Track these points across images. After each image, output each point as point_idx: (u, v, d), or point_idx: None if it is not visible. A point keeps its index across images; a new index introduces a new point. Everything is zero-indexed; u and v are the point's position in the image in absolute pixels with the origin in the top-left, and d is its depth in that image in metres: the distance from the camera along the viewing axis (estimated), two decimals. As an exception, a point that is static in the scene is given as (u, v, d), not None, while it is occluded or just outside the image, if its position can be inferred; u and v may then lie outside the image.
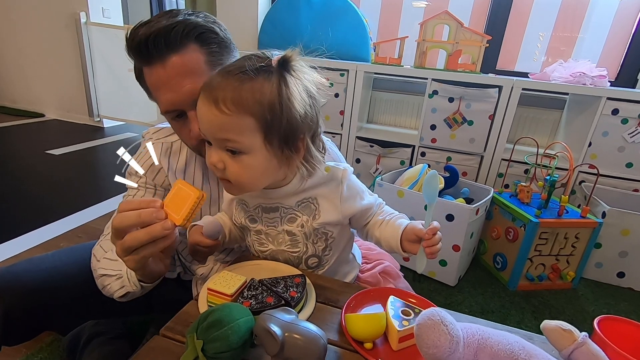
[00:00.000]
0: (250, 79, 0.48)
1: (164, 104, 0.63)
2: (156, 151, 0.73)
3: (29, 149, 2.61)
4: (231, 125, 0.49)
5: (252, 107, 0.48)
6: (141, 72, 0.63)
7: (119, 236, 0.49)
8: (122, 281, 0.60)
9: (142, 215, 0.48)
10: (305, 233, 0.59)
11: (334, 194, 0.59)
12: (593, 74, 1.76)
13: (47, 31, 3.14)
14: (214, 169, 0.53)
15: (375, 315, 0.44)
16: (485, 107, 1.82)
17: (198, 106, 0.51)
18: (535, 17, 2.22)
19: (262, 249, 0.63)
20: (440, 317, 0.34)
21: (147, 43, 0.58)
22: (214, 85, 0.49)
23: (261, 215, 0.61)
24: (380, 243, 0.63)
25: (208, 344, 0.37)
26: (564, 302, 1.40)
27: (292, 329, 0.38)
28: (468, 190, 1.58)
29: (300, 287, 0.50)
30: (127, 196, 0.75)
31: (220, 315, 0.38)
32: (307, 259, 0.62)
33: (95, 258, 0.69)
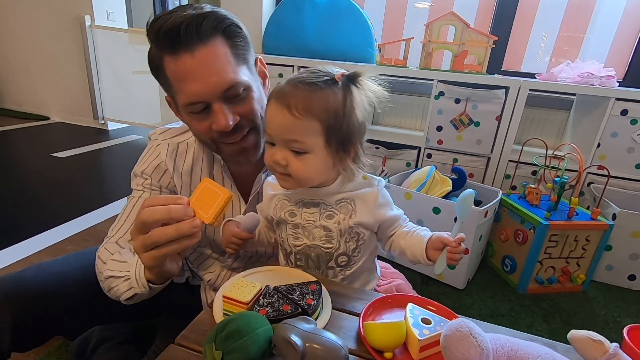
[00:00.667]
0: (318, 89, 0.56)
1: (188, 96, 0.61)
2: (162, 154, 0.72)
3: (35, 152, 2.61)
4: (300, 128, 0.55)
5: (319, 113, 0.55)
6: (160, 62, 0.61)
7: (143, 231, 0.49)
8: (130, 282, 0.59)
9: (172, 211, 0.48)
10: (341, 230, 0.62)
11: (370, 199, 0.63)
12: (601, 74, 1.74)
13: (52, 34, 3.15)
14: (275, 165, 0.58)
15: (396, 324, 0.43)
16: (492, 108, 1.81)
17: (269, 110, 0.57)
18: (541, 17, 2.21)
19: (296, 242, 0.64)
20: (469, 329, 0.33)
21: (178, 30, 0.57)
22: (286, 93, 0.56)
23: (301, 210, 0.64)
24: (404, 252, 0.66)
25: (227, 354, 0.36)
26: (575, 305, 1.38)
27: (313, 339, 0.37)
28: (476, 192, 1.56)
29: (317, 294, 0.49)
30: (132, 198, 0.74)
31: (238, 325, 0.37)
32: (338, 256, 0.63)
33: (100, 260, 0.67)
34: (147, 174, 0.73)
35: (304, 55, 2.14)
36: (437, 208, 1.39)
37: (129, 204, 0.73)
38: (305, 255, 0.64)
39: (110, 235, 0.71)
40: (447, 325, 0.35)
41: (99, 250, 0.69)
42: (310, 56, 2.12)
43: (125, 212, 0.73)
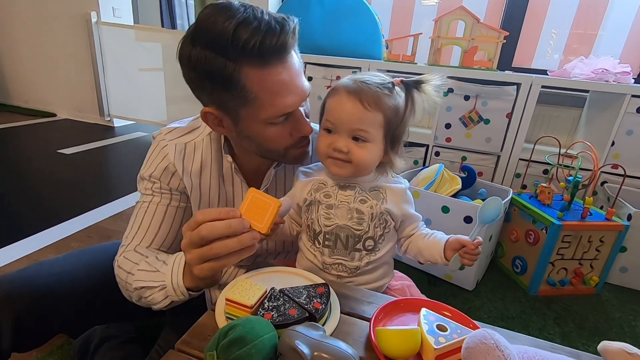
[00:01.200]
0: (386, 89, 0.62)
1: (282, 108, 0.60)
2: (170, 155, 0.70)
3: (41, 149, 2.62)
4: (368, 119, 0.61)
5: (385, 109, 0.61)
6: (237, 74, 0.55)
7: (199, 245, 0.50)
8: (167, 291, 0.59)
9: (233, 225, 0.49)
10: (372, 214, 0.65)
11: (398, 192, 0.68)
12: (616, 70, 1.69)
13: (59, 31, 3.16)
14: (334, 152, 0.62)
15: (410, 331, 0.41)
16: (503, 105, 1.76)
17: (341, 102, 0.61)
18: (553, 12, 2.16)
19: (327, 222, 0.65)
20: (494, 341, 0.30)
21: (284, 41, 0.55)
22: (356, 88, 0.61)
23: (337, 192, 0.66)
24: (422, 253, 0.70)
25: (230, 364, 0.33)
26: (588, 308, 1.34)
27: (321, 347, 0.34)
28: (486, 191, 1.52)
29: (324, 297, 0.47)
30: (142, 202, 0.71)
31: (242, 332, 0.35)
32: (366, 239, 0.65)
33: (123, 270, 0.66)
34: (155, 177, 0.70)
35: (310, 52, 2.11)
36: (446, 207, 1.35)
37: (140, 209, 0.71)
38: (334, 236, 0.65)
39: (126, 244, 0.69)
40: (470, 337, 0.32)
41: (119, 260, 0.68)
42: (317, 53, 2.09)
43: (137, 218, 0.70)
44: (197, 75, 0.58)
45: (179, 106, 3.17)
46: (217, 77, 0.56)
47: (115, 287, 0.74)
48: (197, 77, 0.58)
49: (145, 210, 0.70)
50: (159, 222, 0.70)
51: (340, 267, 0.65)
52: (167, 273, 0.59)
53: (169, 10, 3.85)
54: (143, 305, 0.64)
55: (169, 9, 3.83)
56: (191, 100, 0.66)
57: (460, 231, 1.32)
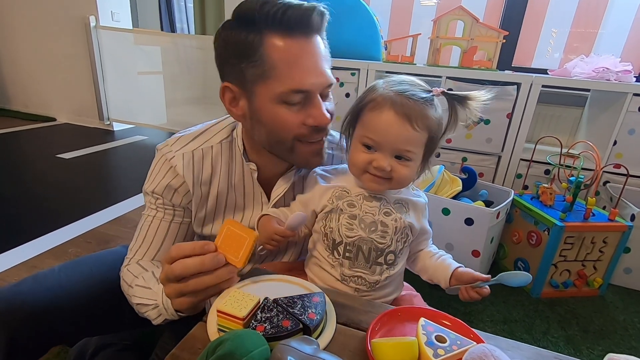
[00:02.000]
0: (431, 105, 0.60)
1: (299, 82, 0.58)
2: (178, 166, 0.68)
3: (40, 153, 2.61)
4: (416, 140, 0.60)
5: (431, 128, 0.60)
6: (259, 41, 0.57)
7: (175, 280, 0.50)
8: (159, 310, 0.60)
9: (206, 262, 0.49)
10: (396, 228, 0.64)
11: (420, 207, 0.68)
12: (617, 69, 1.67)
13: (57, 36, 3.16)
14: (376, 170, 0.61)
15: (407, 343, 0.39)
16: (503, 106, 1.75)
17: (388, 122, 0.58)
18: (553, 11, 2.14)
19: (349, 233, 0.63)
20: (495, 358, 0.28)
21: (304, 14, 0.56)
22: (405, 105, 0.58)
23: (362, 202, 0.64)
24: (426, 270, 0.69)
25: (218, 381, 0.32)
26: (592, 310, 1.33)
27: (314, 363, 0.33)
28: (487, 193, 1.51)
29: (320, 307, 0.45)
30: (147, 216, 0.71)
31: (231, 347, 0.33)
32: (388, 253, 0.64)
33: (126, 283, 0.68)
34: (157, 194, 0.69)
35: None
36: (447, 209, 1.34)
37: (145, 222, 0.71)
38: (356, 248, 0.63)
39: (130, 257, 0.71)
40: (469, 353, 0.31)
41: (123, 272, 0.70)
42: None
43: (142, 231, 0.71)
44: (220, 45, 0.60)
45: (179, 109, 3.16)
46: (236, 45, 0.58)
47: (112, 298, 0.73)
48: (220, 47, 0.60)
49: (149, 225, 0.71)
50: (161, 237, 0.71)
51: (360, 281, 0.63)
52: (158, 292, 0.60)
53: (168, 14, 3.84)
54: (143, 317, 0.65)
55: (168, 13, 3.83)
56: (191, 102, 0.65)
57: (462, 233, 1.32)
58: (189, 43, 3.03)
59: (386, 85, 0.61)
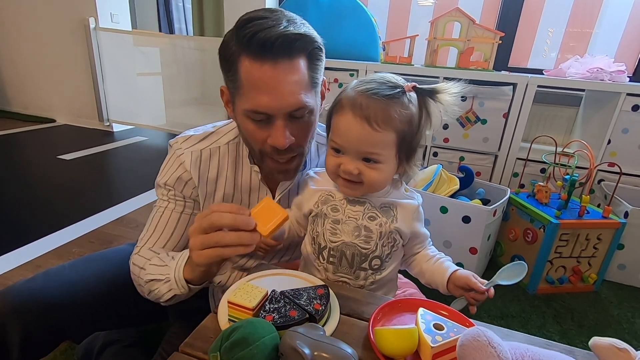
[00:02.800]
0: (395, 101, 0.57)
1: (255, 105, 0.60)
2: (186, 163, 0.71)
3: (41, 155, 2.63)
4: (378, 140, 0.57)
5: (396, 126, 0.57)
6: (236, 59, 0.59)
7: (205, 231, 0.53)
8: (170, 284, 0.62)
9: (238, 220, 0.52)
10: (381, 232, 0.63)
11: (410, 210, 0.65)
12: (611, 69, 1.71)
13: (57, 37, 3.17)
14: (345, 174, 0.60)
15: (408, 330, 0.42)
16: (500, 106, 1.78)
17: (347, 124, 0.58)
18: (548, 12, 2.17)
19: (333, 238, 0.63)
20: (487, 338, 0.31)
21: (272, 43, 0.56)
22: (363, 105, 0.57)
23: (345, 207, 0.64)
24: (423, 275, 0.68)
25: (233, 364, 0.34)
26: (587, 305, 1.36)
27: (321, 347, 0.35)
28: (484, 191, 1.54)
29: (324, 298, 0.48)
30: (159, 207, 0.74)
31: (244, 333, 0.36)
32: (373, 258, 0.63)
33: (137, 267, 0.69)
34: (170, 185, 0.72)
35: (307, 54, 2.12)
36: (445, 207, 1.36)
37: (156, 213, 0.74)
38: (340, 253, 0.63)
39: (140, 245, 0.72)
40: (463, 334, 0.33)
41: (133, 258, 0.71)
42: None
43: (153, 221, 0.73)
44: (219, 51, 0.63)
45: (178, 110, 3.18)
46: (226, 57, 0.61)
47: (120, 295, 0.76)
48: (219, 53, 0.63)
49: (160, 215, 0.73)
50: (172, 227, 0.73)
51: (345, 286, 0.63)
52: (172, 266, 0.62)
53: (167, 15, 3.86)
54: (152, 299, 0.67)
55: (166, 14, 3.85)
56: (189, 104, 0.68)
57: (459, 231, 1.35)
58: (187, 44, 3.05)
59: (354, 85, 0.61)
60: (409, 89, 0.58)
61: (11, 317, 0.65)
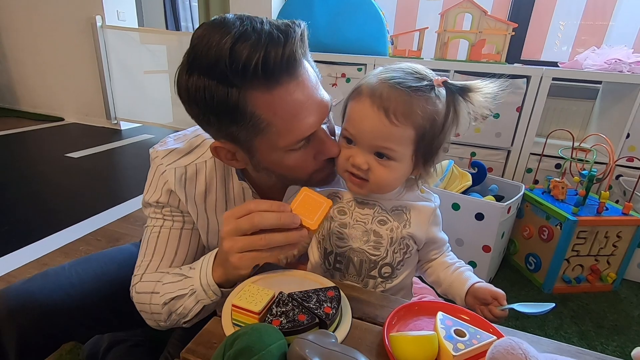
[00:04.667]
0: (420, 94, 0.51)
1: (304, 131, 0.52)
2: (170, 182, 0.64)
3: (49, 153, 2.64)
4: (395, 135, 0.51)
5: (417, 122, 0.51)
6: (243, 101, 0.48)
7: (246, 233, 0.48)
8: (197, 295, 0.55)
9: (283, 218, 0.47)
10: (392, 238, 0.57)
11: (426, 213, 0.60)
12: (630, 60, 1.64)
13: (64, 36, 3.18)
14: (352, 168, 0.54)
15: (427, 337, 0.38)
16: (513, 99, 1.72)
17: (363, 113, 0.52)
18: (562, 2, 2.10)
19: (339, 244, 0.58)
20: (523, 351, 0.27)
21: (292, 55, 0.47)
22: (383, 94, 0.50)
23: (353, 209, 0.59)
24: (440, 283, 0.63)
25: (237, 376, 0.32)
26: (606, 306, 1.31)
27: (334, 357, 0.32)
28: (497, 187, 1.49)
29: (335, 301, 0.45)
30: (153, 227, 0.66)
31: (248, 342, 0.33)
32: (383, 266, 0.58)
33: (145, 294, 0.61)
34: (163, 202, 0.64)
35: (314, 49, 2.09)
36: (457, 204, 1.32)
37: (152, 235, 0.65)
38: (346, 259, 0.58)
39: (140, 273, 0.64)
40: (496, 346, 0.30)
41: (137, 287, 0.63)
42: (322, 50, 2.07)
43: (150, 244, 0.65)
44: (200, 110, 0.51)
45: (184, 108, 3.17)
46: (222, 109, 0.49)
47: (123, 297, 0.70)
48: (200, 112, 0.51)
49: (157, 236, 0.65)
50: (174, 246, 0.65)
51: None
52: (196, 276, 0.55)
53: (173, 13, 3.85)
54: (174, 323, 0.60)
55: (172, 11, 3.83)
56: None
57: (472, 229, 1.30)
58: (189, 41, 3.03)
59: (378, 72, 0.54)
60: (439, 84, 0.52)
61: (7, 321, 0.62)
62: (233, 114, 0.49)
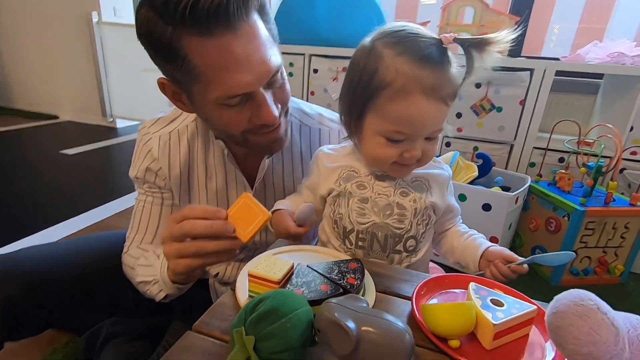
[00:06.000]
0: (449, 64, 0.49)
1: (233, 87, 0.50)
2: (154, 149, 0.65)
3: (44, 150, 2.58)
4: (446, 114, 0.51)
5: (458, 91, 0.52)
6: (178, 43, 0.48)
7: (179, 240, 0.48)
8: (159, 285, 0.58)
9: (214, 227, 0.46)
10: (416, 209, 0.56)
11: (442, 181, 0.60)
12: (632, 53, 1.64)
13: (60, 33, 3.13)
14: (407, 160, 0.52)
15: (463, 305, 0.35)
16: (516, 92, 1.71)
17: (420, 109, 0.48)
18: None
19: (361, 220, 0.55)
20: (595, 302, 0.25)
21: (225, 6, 0.45)
22: (435, 85, 0.48)
23: (373, 183, 0.57)
24: (453, 252, 0.63)
25: (261, 341, 0.28)
26: (614, 298, 1.28)
27: (368, 320, 0.29)
28: (502, 179, 1.47)
29: (359, 272, 0.42)
30: (139, 201, 0.70)
31: (273, 305, 0.30)
32: (408, 239, 0.56)
33: (128, 267, 0.67)
34: (140, 178, 0.68)
35: (315, 43, 2.06)
36: (463, 195, 1.30)
37: (137, 208, 0.70)
38: (370, 235, 0.55)
39: (128, 244, 0.70)
40: (558, 299, 0.27)
41: (124, 258, 0.69)
42: (322, 44, 2.05)
43: (136, 216, 0.70)
44: (144, 42, 0.50)
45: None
46: (158, 45, 0.48)
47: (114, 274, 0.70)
48: (145, 43, 0.50)
49: (141, 210, 0.69)
50: (155, 222, 0.69)
51: None
52: (157, 267, 0.58)
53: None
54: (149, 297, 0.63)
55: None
56: None
57: (479, 219, 1.28)
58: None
59: (392, 53, 0.49)
60: (449, 42, 0.49)
61: None
62: (167, 52, 0.49)
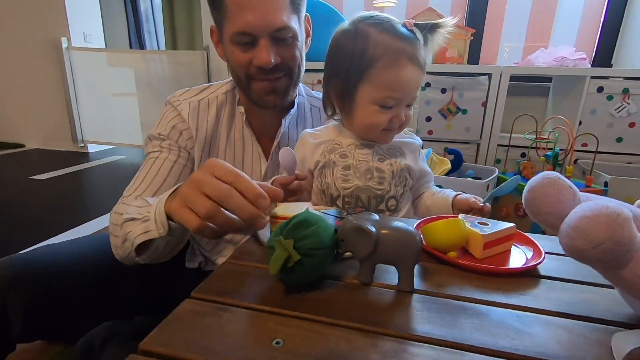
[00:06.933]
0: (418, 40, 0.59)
1: (240, 24, 0.61)
2: (184, 112, 0.71)
3: (12, 177, 2.48)
4: (422, 80, 0.60)
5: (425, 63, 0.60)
6: None
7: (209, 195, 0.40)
8: (148, 225, 0.49)
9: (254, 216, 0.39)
10: (393, 172, 0.63)
11: (414, 149, 0.68)
12: (574, 57, 1.85)
13: (28, 58, 3.07)
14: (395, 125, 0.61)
15: (455, 221, 0.42)
16: (477, 95, 1.87)
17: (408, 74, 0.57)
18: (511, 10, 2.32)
19: (345, 185, 0.62)
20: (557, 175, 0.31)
21: None
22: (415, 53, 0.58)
23: (354, 151, 0.64)
24: (429, 210, 0.70)
25: (299, 241, 0.33)
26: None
27: (384, 225, 0.35)
28: (473, 172, 1.59)
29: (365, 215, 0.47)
30: (149, 159, 0.70)
31: (304, 217, 0.35)
32: (389, 199, 0.63)
33: (117, 214, 0.60)
34: (164, 135, 0.70)
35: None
36: (439, 185, 1.38)
37: (146, 163, 0.69)
38: (354, 198, 0.62)
39: (125, 195, 0.67)
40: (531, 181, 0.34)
41: (115, 207, 0.64)
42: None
43: (143, 170, 0.69)
44: None
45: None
46: None
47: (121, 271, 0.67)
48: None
49: (151, 164, 0.68)
50: (163, 176, 0.68)
51: None
52: (154, 204, 0.51)
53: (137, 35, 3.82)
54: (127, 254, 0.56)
55: (136, 30, 3.79)
56: None
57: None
58: (161, 59, 3.03)
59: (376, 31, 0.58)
60: (410, 25, 0.59)
61: (13, 286, 0.60)
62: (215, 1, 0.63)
